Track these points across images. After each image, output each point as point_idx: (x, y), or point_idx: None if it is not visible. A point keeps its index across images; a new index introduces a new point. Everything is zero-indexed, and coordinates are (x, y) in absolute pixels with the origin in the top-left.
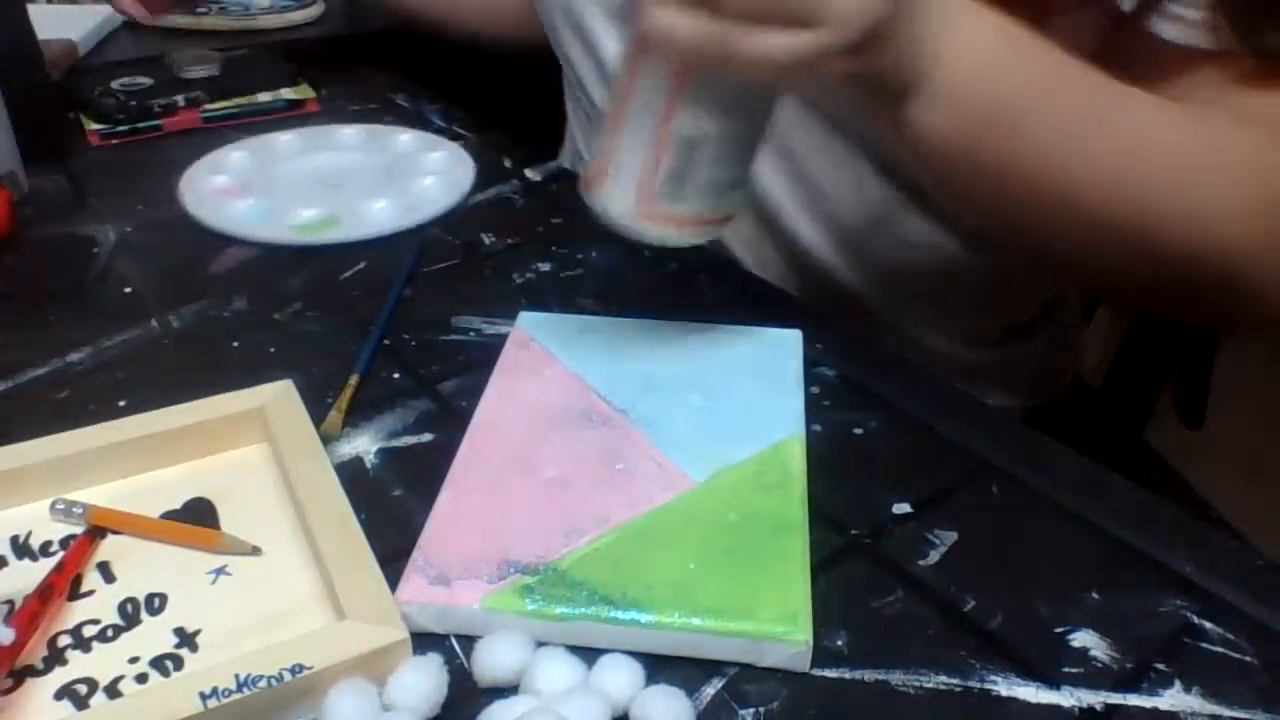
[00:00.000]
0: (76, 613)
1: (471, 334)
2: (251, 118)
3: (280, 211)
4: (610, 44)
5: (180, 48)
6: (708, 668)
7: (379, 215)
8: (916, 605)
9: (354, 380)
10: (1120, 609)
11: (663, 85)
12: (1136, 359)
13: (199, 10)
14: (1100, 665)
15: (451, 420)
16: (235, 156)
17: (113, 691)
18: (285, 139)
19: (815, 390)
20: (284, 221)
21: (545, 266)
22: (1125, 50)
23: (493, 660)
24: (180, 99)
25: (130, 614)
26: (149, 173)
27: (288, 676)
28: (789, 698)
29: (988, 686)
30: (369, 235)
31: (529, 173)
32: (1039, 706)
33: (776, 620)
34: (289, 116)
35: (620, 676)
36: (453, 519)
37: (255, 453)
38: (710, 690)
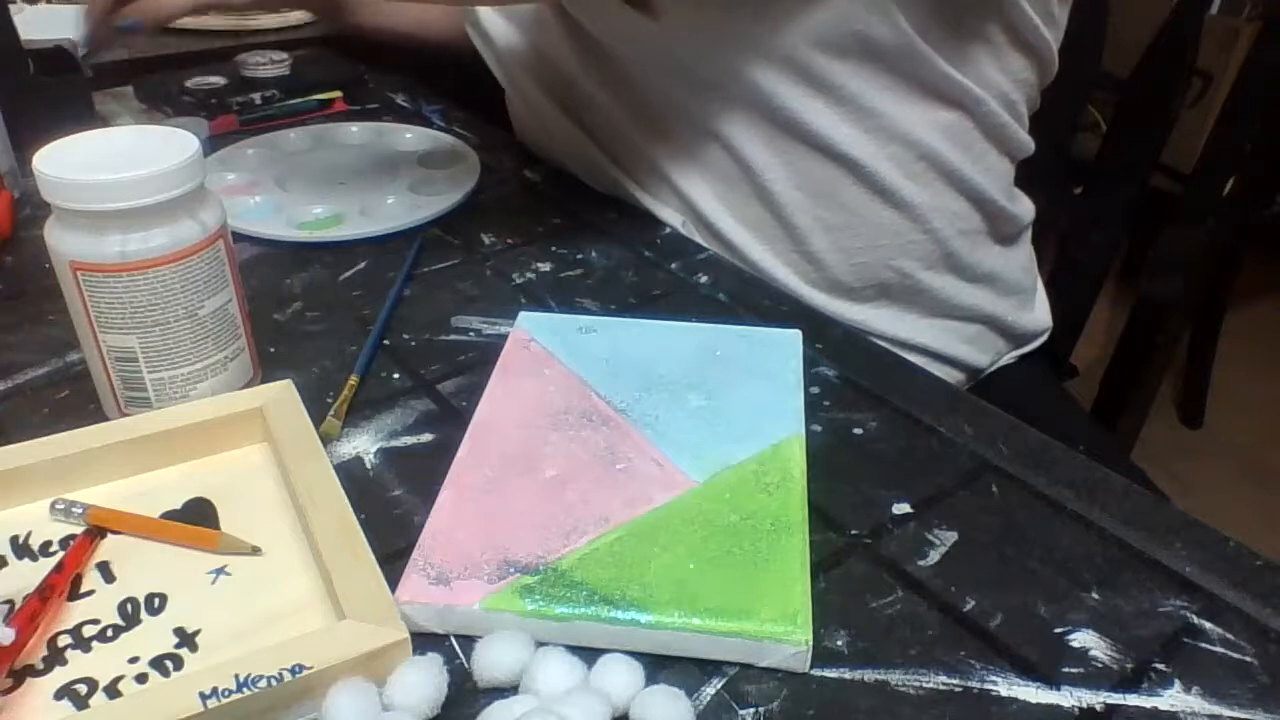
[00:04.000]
0: (76, 613)
1: (471, 334)
2: (287, 119)
3: (287, 209)
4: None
5: (247, 47)
6: (708, 668)
7: (384, 213)
8: (916, 605)
9: (353, 380)
10: (1120, 609)
11: None
12: (1134, 357)
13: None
14: (1100, 665)
15: (451, 420)
16: (245, 154)
17: (113, 691)
18: (293, 136)
19: (815, 390)
20: (291, 219)
21: (545, 266)
22: None
23: (492, 660)
24: (256, 97)
25: (130, 614)
26: None
27: (288, 676)
28: (789, 698)
29: (988, 686)
30: (373, 233)
31: (529, 173)
32: (1039, 706)
33: (776, 620)
34: (317, 116)
35: (620, 676)
36: (453, 519)
37: (255, 453)
38: (710, 690)
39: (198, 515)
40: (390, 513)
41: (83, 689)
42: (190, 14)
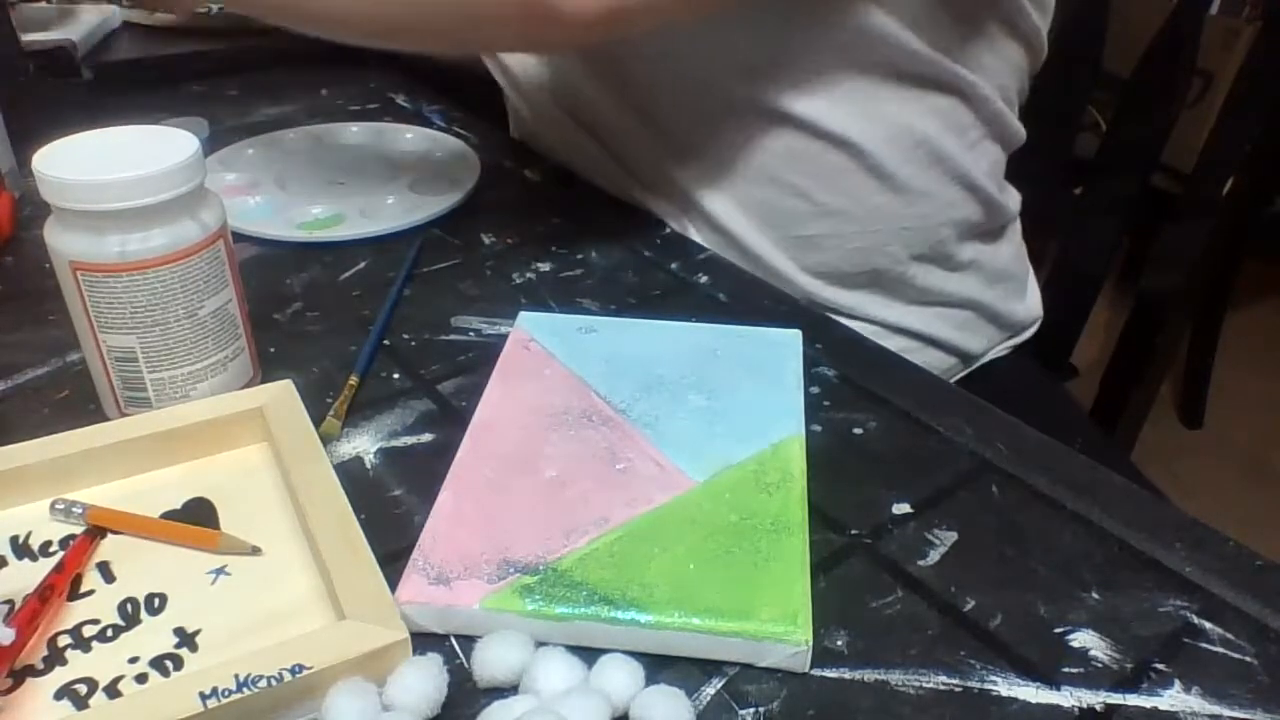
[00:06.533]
0: (76, 613)
1: (471, 334)
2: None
3: (287, 209)
4: None
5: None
6: (708, 668)
7: (384, 213)
8: (916, 605)
9: (353, 380)
10: (1120, 609)
11: None
12: (1134, 357)
13: (198, 9)
14: (1100, 665)
15: (451, 420)
16: (245, 154)
17: (113, 691)
18: (293, 136)
19: (815, 390)
20: (291, 219)
21: (545, 266)
22: None
23: (492, 660)
24: None
25: (130, 614)
26: None
27: (288, 676)
28: (789, 698)
29: (988, 686)
30: (374, 233)
31: (529, 173)
32: (1039, 706)
33: (776, 620)
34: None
35: (620, 676)
36: (453, 519)
37: (255, 453)
38: (710, 690)
39: (198, 515)
40: (390, 513)
41: (83, 689)
42: None
